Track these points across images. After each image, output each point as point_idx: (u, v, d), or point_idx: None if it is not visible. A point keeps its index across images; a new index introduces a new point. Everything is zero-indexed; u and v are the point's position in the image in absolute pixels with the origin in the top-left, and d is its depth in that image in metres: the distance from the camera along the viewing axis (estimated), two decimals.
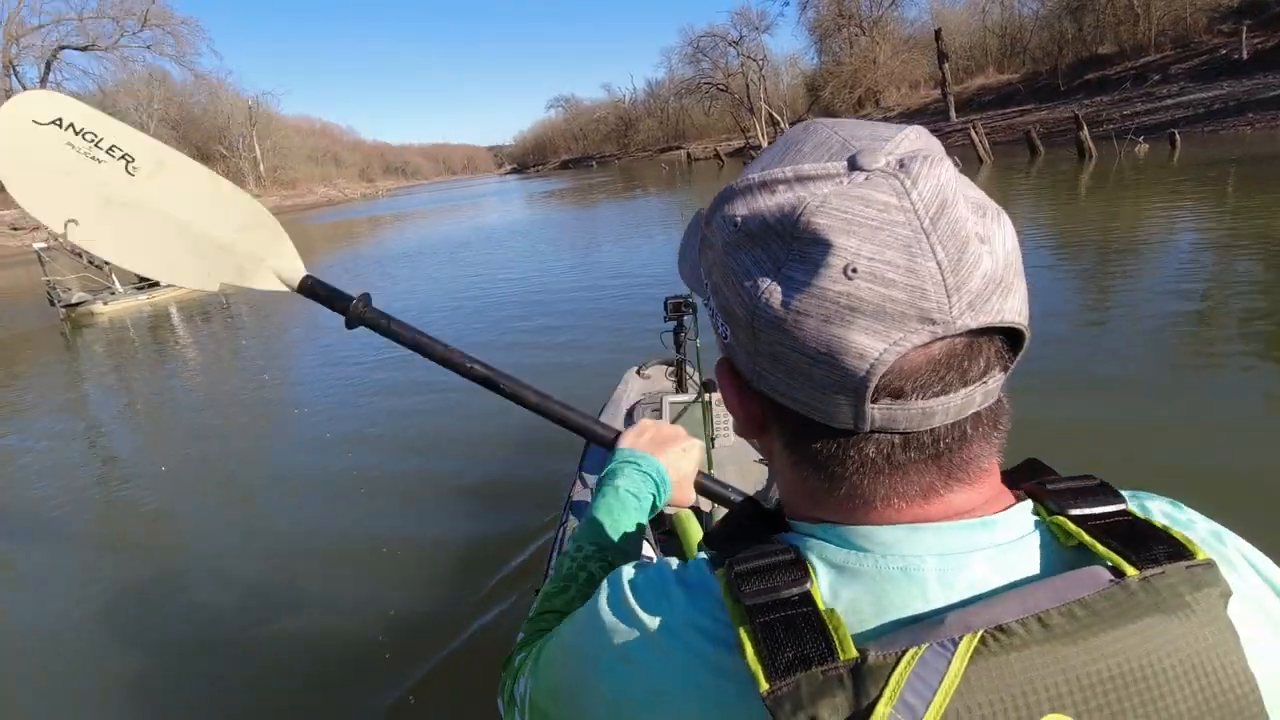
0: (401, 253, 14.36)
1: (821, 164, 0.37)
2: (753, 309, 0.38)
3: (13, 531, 3.62)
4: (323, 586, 2.74)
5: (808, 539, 0.43)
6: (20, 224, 22.42)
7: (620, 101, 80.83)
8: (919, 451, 0.39)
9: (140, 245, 1.01)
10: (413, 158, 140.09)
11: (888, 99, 40.74)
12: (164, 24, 37.51)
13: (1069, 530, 0.39)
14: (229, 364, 7.13)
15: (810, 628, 0.36)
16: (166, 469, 4.16)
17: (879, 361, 0.35)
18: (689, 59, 54.39)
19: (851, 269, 0.34)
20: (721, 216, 0.40)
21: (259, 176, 50.59)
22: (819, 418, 0.39)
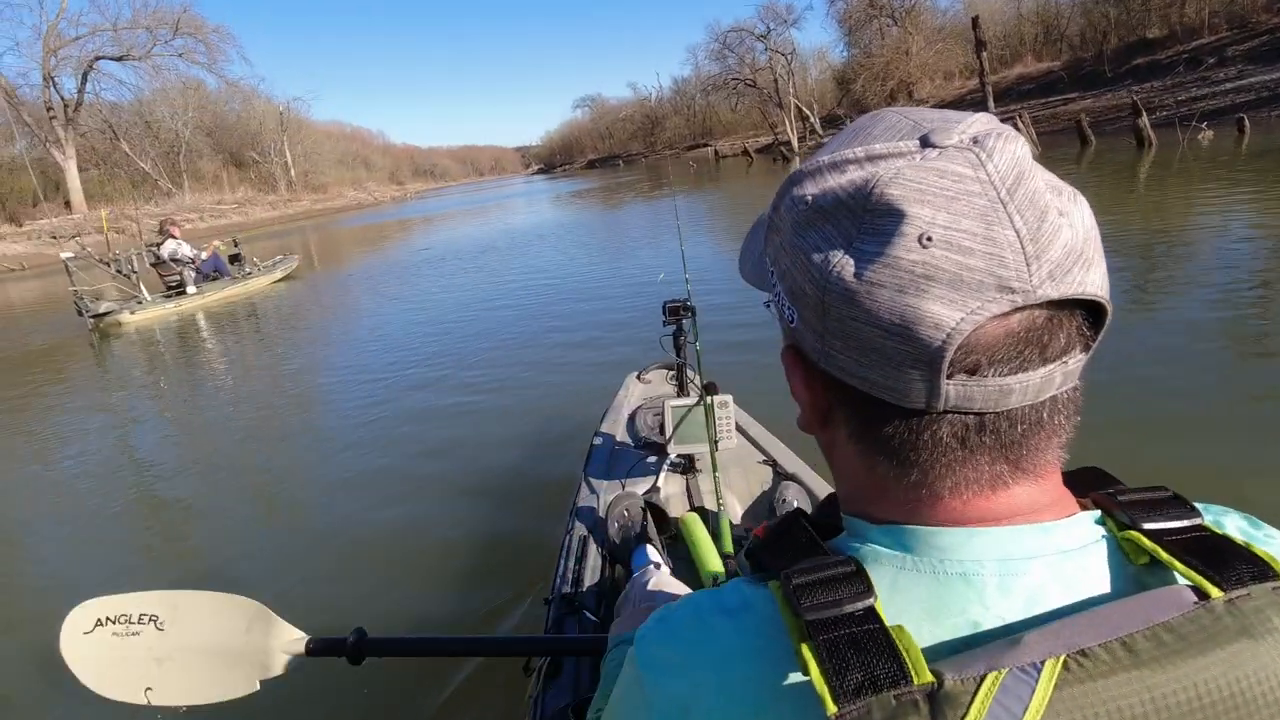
0: (424, 259, 14.07)
1: (893, 143, 0.37)
2: (824, 284, 0.37)
3: (52, 531, 3.73)
4: (330, 585, 2.77)
5: (864, 544, 0.41)
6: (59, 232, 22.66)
7: (646, 100, 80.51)
8: (994, 436, 0.38)
9: (197, 682, 1.19)
10: (441, 160, 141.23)
11: (921, 91, 39.72)
12: (195, 32, 37.99)
13: (1143, 546, 0.38)
14: (257, 368, 7.05)
15: (878, 646, 0.35)
16: (197, 467, 4.31)
17: (955, 331, 0.34)
18: (715, 55, 53.67)
19: (926, 237, 0.34)
20: (791, 198, 0.40)
21: (290, 181, 51.16)
22: (890, 397, 0.38)
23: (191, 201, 37.22)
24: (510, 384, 5.07)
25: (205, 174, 44.08)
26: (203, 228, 31.33)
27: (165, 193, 38.86)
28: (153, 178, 40.01)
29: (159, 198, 37.69)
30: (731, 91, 54.15)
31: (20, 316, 12.66)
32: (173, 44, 37.44)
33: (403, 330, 7.58)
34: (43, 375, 7.78)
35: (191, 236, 24.06)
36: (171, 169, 41.98)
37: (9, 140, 34.77)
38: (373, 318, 8.80)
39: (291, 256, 12.94)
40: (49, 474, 4.66)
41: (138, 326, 9.80)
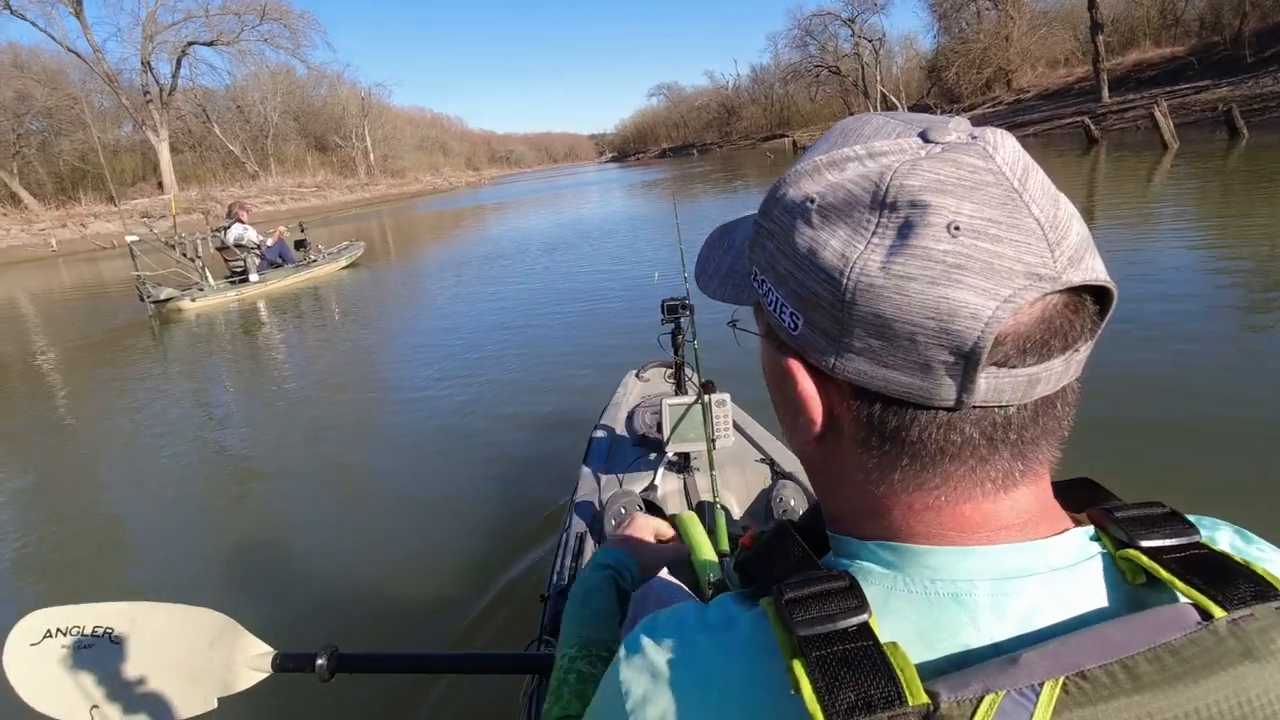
0: (492, 252, 13.50)
1: (893, 140, 0.37)
2: (840, 283, 0.36)
3: (128, 514, 3.76)
4: (332, 583, 2.74)
5: (854, 562, 0.41)
6: (150, 212, 23.34)
7: (723, 88, 78.93)
8: (1017, 431, 0.37)
9: (149, 700, 1.13)
10: (516, 146, 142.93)
11: (1021, 79, 37.05)
12: (282, 18, 39.01)
13: (1141, 564, 0.37)
14: (308, 365, 6.79)
15: (872, 665, 0.34)
16: (255, 449, 4.45)
17: (993, 320, 0.33)
18: (796, 43, 51.86)
19: (955, 226, 0.33)
20: (786, 203, 0.39)
21: (369, 166, 52.25)
22: (916, 396, 0.36)
23: (274, 184, 38.30)
24: (541, 385, 4.93)
25: (288, 157, 45.34)
26: (283, 210, 32.11)
27: (251, 175, 40.15)
28: (241, 160, 41.40)
29: (244, 180, 38.95)
30: (812, 80, 52.23)
31: (95, 298, 12.78)
32: (259, 29, 38.61)
33: (455, 329, 7.08)
34: (98, 365, 7.56)
35: (271, 219, 24.74)
36: (259, 152, 43.38)
37: (115, 124, 36.54)
38: (427, 315, 8.34)
39: (357, 243, 12.62)
40: (78, 470, 4.46)
41: (199, 314, 9.60)
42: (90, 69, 33.50)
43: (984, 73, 39.30)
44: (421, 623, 2.40)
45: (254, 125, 44.14)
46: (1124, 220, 8.20)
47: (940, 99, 41.14)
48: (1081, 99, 26.77)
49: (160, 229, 11.12)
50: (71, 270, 18.52)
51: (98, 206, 28.07)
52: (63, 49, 32.81)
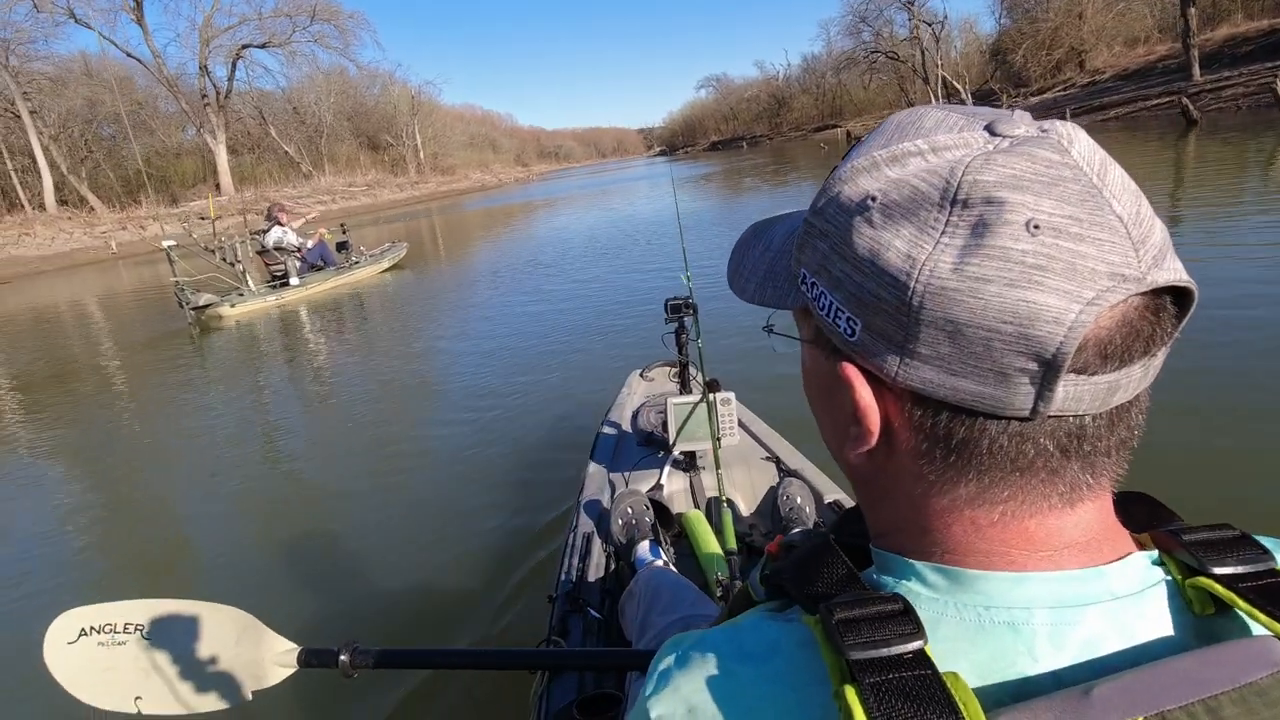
0: (535, 258, 12.97)
1: (957, 134, 0.34)
2: (907, 286, 0.33)
3: (175, 510, 3.90)
4: (344, 581, 2.80)
5: (900, 582, 0.38)
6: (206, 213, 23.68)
7: (773, 79, 77.29)
8: (1093, 442, 0.35)
9: (187, 692, 1.18)
10: (565, 141, 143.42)
11: (1096, 59, 34.80)
12: (332, 19, 39.45)
13: (1216, 593, 0.35)
14: (353, 364, 6.73)
15: (932, 696, 0.31)
16: (279, 455, 4.52)
17: (1077, 324, 0.31)
18: (849, 30, 50.08)
19: (1034, 224, 0.31)
20: (841, 201, 0.36)
21: (419, 164, 52.70)
22: (988, 406, 0.34)
23: (325, 184, 38.79)
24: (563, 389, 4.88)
25: (341, 157, 45.99)
26: (334, 209, 32.36)
27: (305, 175, 40.81)
28: (295, 161, 42.14)
29: (298, 180, 39.59)
30: (867, 68, 50.46)
31: (141, 303, 12.76)
32: (310, 30, 39.15)
33: (489, 336, 6.68)
34: (134, 374, 7.33)
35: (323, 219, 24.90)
36: (314, 153, 44.11)
37: (179, 128, 37.55)
38: (466, 322, 7.94)
39: (400, 245, 12.27)
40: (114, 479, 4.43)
41: (238, 320, 9.38)
42: (151, 74, 34.41)
43: (1054, 54, 37.08)
44: (432, 623, 2.44)
45: (309, 126, 44.90)
46: (1258, 209, 7.17)
47: (1005, 83, 39.08)
48: (1167, 78, 24.81)
49: (199, 233, 10.89)
50: (130, 272, 18.81)
51: (157, 209, 28.74)
52: (125, 55, 33.79)
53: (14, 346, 9.98)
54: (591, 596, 1.57)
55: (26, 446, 5.27)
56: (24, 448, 5.25)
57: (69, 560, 3.36)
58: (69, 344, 9.60)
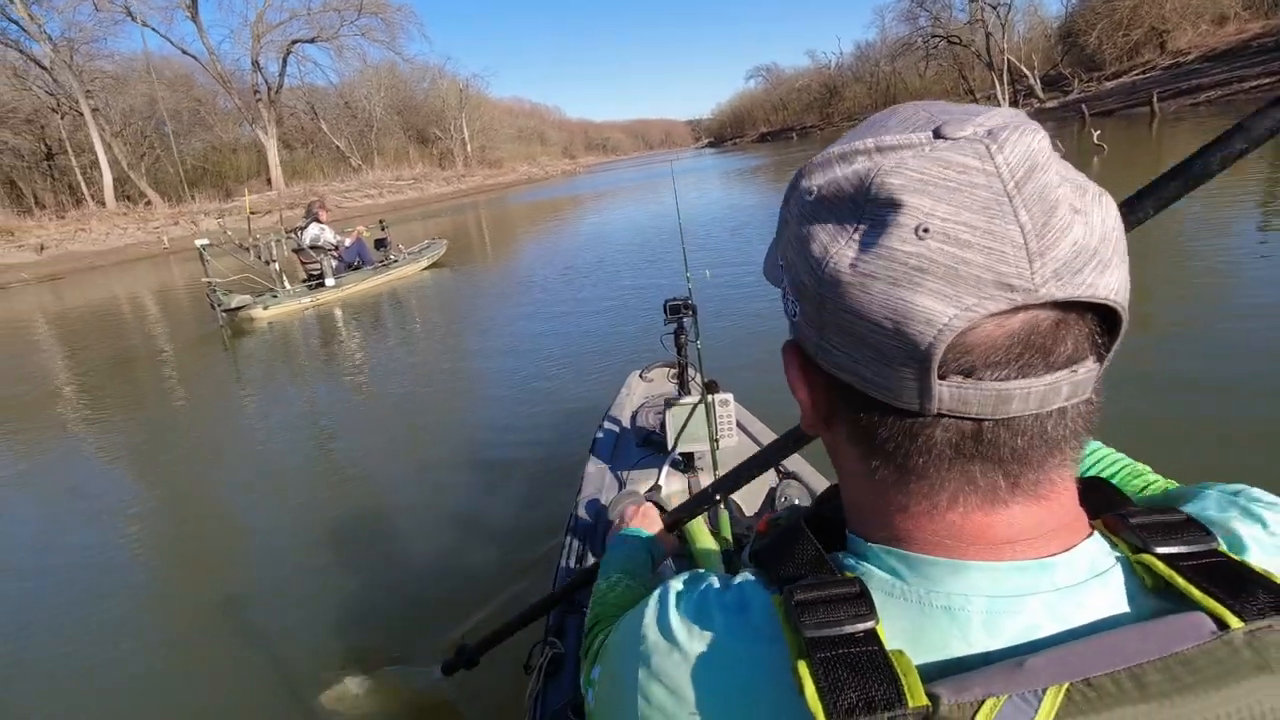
0: (574, 263, 12.36)
1: (905, 134, 0.36)
2: (819, 276, 0.36)
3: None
4: (363, 553, 3.01)
5: (860, 563, 0.41)
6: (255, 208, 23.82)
7: (825, 68, 75.20)
8: (992, 446, 0.36)
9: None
10: (613, 134, 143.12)
11: (1179, 40, 32.43)
12: (379, 11, 39.53)
13: (1157, 571, 0.36)
14: (381, 377, 6.43)
15: (875, 668, 0.34)
16: (299, 457, 4.51)
17: (947, 328, 0.32)
18: (905, 16, 48.10)
19: (923, 229, 0.32)
20: (798, 192, 0.39)
21: (466, 157, 52.77)
22: (883, 396, 0.36)
23: (373, 178, 39.01)
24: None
25: (389, 151, 46.27)
26: (381, 203, 32.53)
27: (354, 169, 41.14)
28: (345, 155, 42.53)
29: (346, 174, 39.91)
30: (925, 54, 48.43)
31: (182, 302, 12.61)
32: (357, 23, 39.31)
33: (523, 341, 6.19)
34: (163, 380, 7.00)
35: (370, 213, 24.91)
36: (364, 147, 44.49)
37: (236, 124, 38.21)
38: (501, 324, 7.49)
39: (439, 242, 11.82)
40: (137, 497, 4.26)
41: (271, 322, 9.05)
42: (206, 71, 35.00)
43: (1132, 34, 34.72)
44: (428, 621, 2.46)
45: (360, 121, 45.30)
46: None
47: (1077, 67, 36.87)
48: (1264, 59, 22.82)
49: (235, 230, 10.58)
50: (179, 268, 18.90)
51: (209, 204, 29.17)
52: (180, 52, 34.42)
53: (34, 350, 9.84)
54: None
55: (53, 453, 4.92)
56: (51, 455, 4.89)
57: (120, 561, 3.42)
58: (93, 349, 9.38)
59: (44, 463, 5.01)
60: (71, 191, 30.89)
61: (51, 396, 6.85)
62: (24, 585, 3.22)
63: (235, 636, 2.60)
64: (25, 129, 30.34)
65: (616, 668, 0.48)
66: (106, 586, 3.11)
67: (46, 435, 5.64)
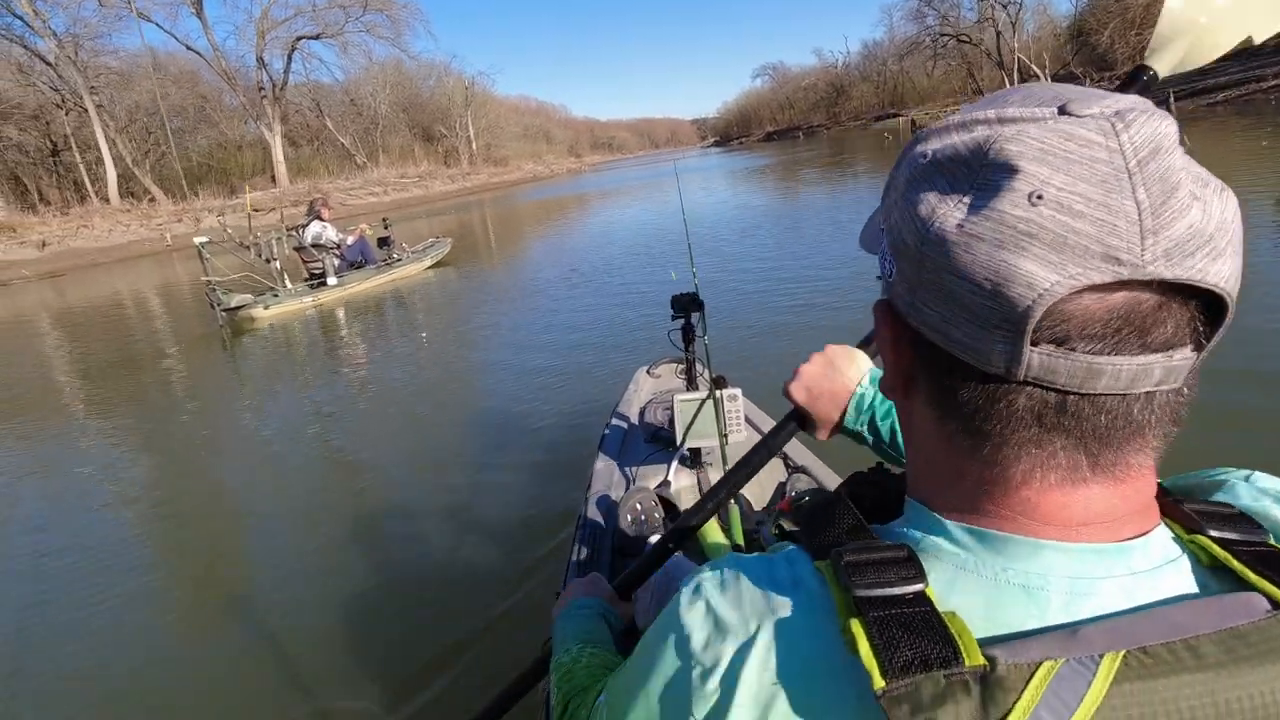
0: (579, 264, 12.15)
1: (1029, 109, 0.35)
2: (924, 234, 0.36)
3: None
4: (377, 554, 2.96)
5: (926, 536, 0.41)
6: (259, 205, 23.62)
7: (831, 67, 74.80)
8: (1074, 420, 0.35)
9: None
10: (619, 132, 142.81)
11: None
12: (384, 8, 39.33)
13: (1212, 553, 0.37)
14: (390, 368, 6.44)
15: (929, 628, 0.34)
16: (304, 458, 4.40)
17: (1047, 293, 0.32)
18: (913, 15, 47.81)
19: (1037, 195, 0.32)
20: (911, 156, 0.39)
21: (471, 155, 52.58)
22: (970, 358, 0.36)
23: (378, 175, 38.84)
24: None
25: (394, 148, 46.10)
26: (386, 201, 32.35)
27: (359, 166, 40.99)
28: (350, 153, 42.38)
29: (351, 171, 39.75)
30: (933, 53, 48.10)
31: (183, 301, 12.43)
32: (362, 20, 39.13)
33: (529, 340, 6.01)
34: (160, 383, 6.80)
35: (374, 210, 24.74)
36: (369, 144, 44.34)
37: (242, 121, 38.07)
38: (506, 326, 7.29)
39: (443, 241, 11.62)
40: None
41: (272, 322, 8.86)
42: (211, 68, 34.86)
43: (1144, 34, 34.35)
44: (439, 617, 2.43)
45: (365, 118, 45.14)
46: None
47: (1088, 66, 36.52)
48: (1278, 58, 22.47)
49: (235, 228, 10.39)
50: (183, 265, 18.74)
51: (214, 201, 29.03)
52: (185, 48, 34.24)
53: (29, 349, 9.67)
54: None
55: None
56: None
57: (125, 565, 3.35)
58: (89, 348, 9.20)
59: (35, 465, 4.83)
60: (76, 188, 30.79)
61: (46, 398, 6.68)
62: (22, 589, 3.13)
63: (238, 641, 2.55)
64: (30, 125, 30.26)
65: (653, 683, 0.44)
66: (106, 588, 3.03)
67: (38, 438, 5.46)
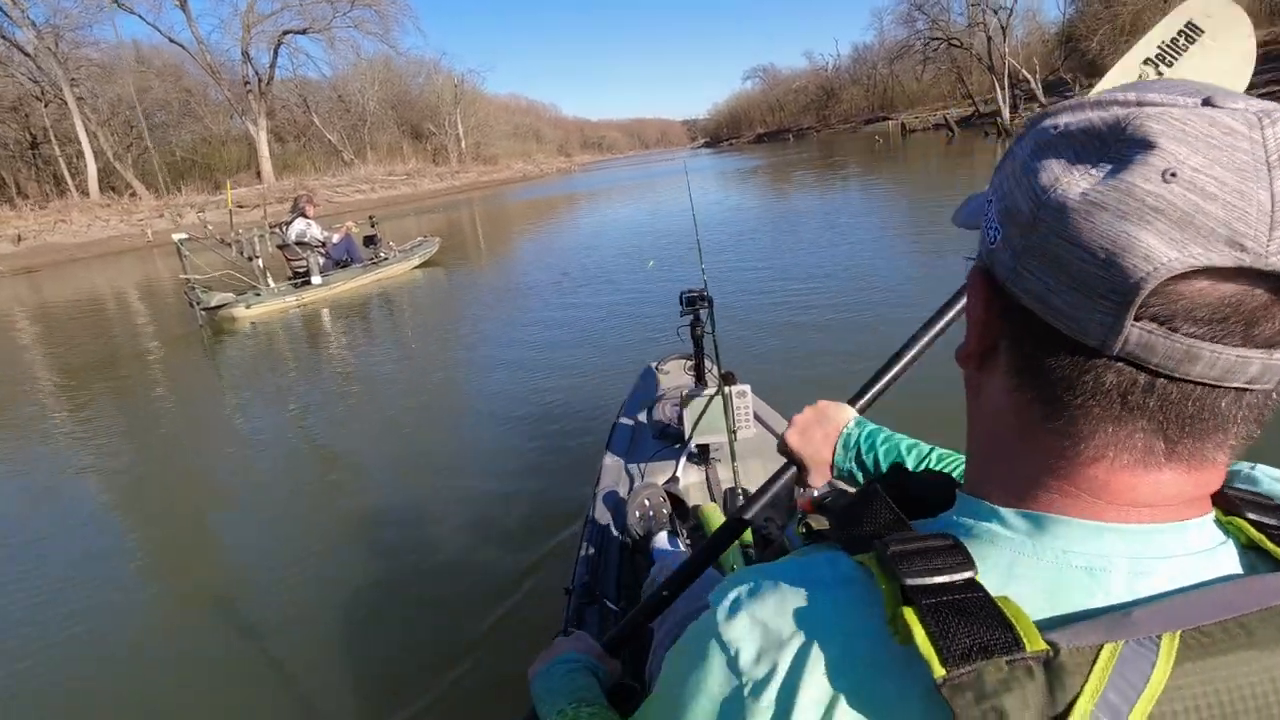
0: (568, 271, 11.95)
1: (1172, 96, 0.34)
2: (1041, 200, 0.35)
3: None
4: (395, 547, 2.97)
5: (979, 523, 0.40)
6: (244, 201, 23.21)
7: (822, 69, 75.14)
8: (1160, 402, 0.35)
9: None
10: (609, 133, 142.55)
11: None
12: (372, 3, 38.87)
13: (1249, 534, 0.38)
14: (385, 361, 6.42)
15: (985, 613, 0.34)
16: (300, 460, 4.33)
17: (1164, 267, 0.32)
18: (903, 19, 47.92)
19: (1171, 173, 0.32)
20: (1037, 129, 0.39)
21: (460, 153, 52.15)
22: (1066, 327, 0.36)
23: (365, 173, 38.30)
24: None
25: (382, 145, 45.57)
26: (373, 198, 31.90)
27: (347, 163, 40.48)
28: (338, 149, 41.85)
29: (339, 168, 39.24)
30: (923, 57, 48.20)
31: (162, 298, 12.08)
32: (350, 14, 38.49)
33: (522, 327, 5.80)
34: (136, 385, 6.50)
35: (361, 208, 24.37)
36: (357, 141, 43.82)
37: (228, 115, 37.44)
38: (496, 317, 7.14)
39: (431, 240, 11.35)
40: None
41: (254, 322, 8.56)
42: (195, 61, 34.22)
43: (1134, 41, 34.31)
44: (447, 613, 2.43)
45: (353, 115, 44.60)
46: None
47: (1077, 72, 36.70)
48: (1268, 66, 22.59)
49: (216, 224, 10.06)
50: (164, 261, 18.27)
51: (197, 196, 28.51)
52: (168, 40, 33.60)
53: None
54: (608, 589, 1.58)
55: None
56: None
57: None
58: (60, 349, 8.87)
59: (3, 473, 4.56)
60: (56, 182, 30.14)
61: (14, 397, 6.37)
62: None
63: (231, 648, 2.47)
64: (9, 117, 29.61)
65: (697, 711, 0.42)
66: (81, 600, 2.92)
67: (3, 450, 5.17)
